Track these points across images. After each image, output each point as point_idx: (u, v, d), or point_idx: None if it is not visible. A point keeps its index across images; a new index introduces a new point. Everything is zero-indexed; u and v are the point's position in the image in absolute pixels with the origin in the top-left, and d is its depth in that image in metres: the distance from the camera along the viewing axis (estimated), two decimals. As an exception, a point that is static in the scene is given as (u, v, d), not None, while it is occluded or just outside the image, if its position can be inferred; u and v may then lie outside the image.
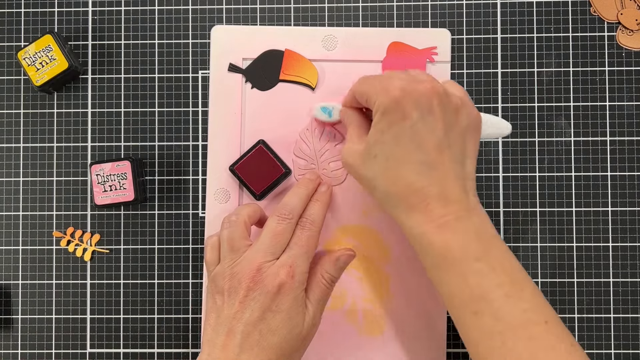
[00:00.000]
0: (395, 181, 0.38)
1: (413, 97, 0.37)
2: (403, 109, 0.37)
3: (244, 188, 0.48)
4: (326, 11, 0.50)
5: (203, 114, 0.50)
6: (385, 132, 0.38)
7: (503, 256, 0.37)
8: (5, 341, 0.49)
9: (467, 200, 0.38)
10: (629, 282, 0.48)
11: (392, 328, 0.48)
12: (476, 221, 0.38)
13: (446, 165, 0.38)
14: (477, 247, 0.37)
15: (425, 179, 0.37)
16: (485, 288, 0.36)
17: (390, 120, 0.38)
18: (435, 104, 0.38)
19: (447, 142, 0.38)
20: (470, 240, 0.37)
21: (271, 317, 0.39)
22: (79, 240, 0.49)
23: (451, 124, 0.38)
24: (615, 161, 0.49)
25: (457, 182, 0.38)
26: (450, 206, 0.37)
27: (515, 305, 0.35)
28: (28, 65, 0.47)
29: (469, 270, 0.36)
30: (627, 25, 0.49)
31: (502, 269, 0.36)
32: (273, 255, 0.41)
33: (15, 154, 0.50)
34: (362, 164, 0.40)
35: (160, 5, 0.50)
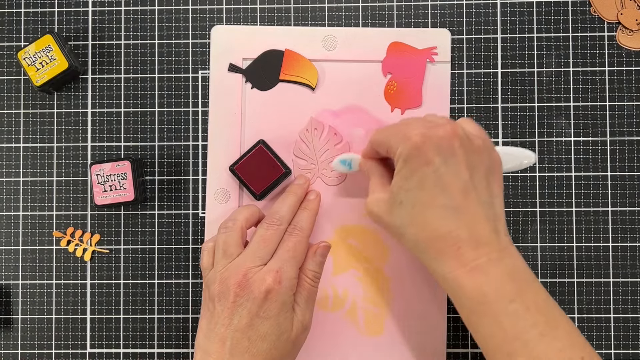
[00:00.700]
0: (423, 227, 0.38)
1: (434, 141, 0.37)
2: (425, 155, 0.37)
3: (244, 188, 0.48)
4: (326, 11, 0.50)
5: (203, 114, 0.50)
6: (409, 179, 0.38)
7: (537, 295, 0.37)
8: (5, 341, 0.49)
9: (498, 241, 0.37)
10: (629, 282, 0.48)
11: (392, 328, 0.48)
12: (509, 262, 0.37)
13: (473, 208, 0.37)
14: (510, 289, 0.36)
15: (453, 222, 0.37)
16: (520, 329, 0.35)
17: (413, 166, 0.38)
18: (457, 147, 0.37)
19: (472, 185, 0.37)
20: (503, 282, 0.36)
21: (259, 323, 0.39)
22: (79, 240, 0.49)
23: (474, 166, 0.38)
24: (615, 161, 0.49)
25: (487, 224, 0.37)
26: (481, 249, 0.37)
27: (550, 344, 0.35)
28: (28, 65, 0.47)
29: (503, 312, 0.36)
30: (627, 25, 0.49)
31: (536, 308, 0.36)
32: (261, 260, 0.41)
33: (15, 154, 0.50)
34: (389, 213, 0.40)
35: (160, 5, 0.50)
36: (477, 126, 0.40)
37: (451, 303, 0.48)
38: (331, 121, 0.49)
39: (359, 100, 0.49)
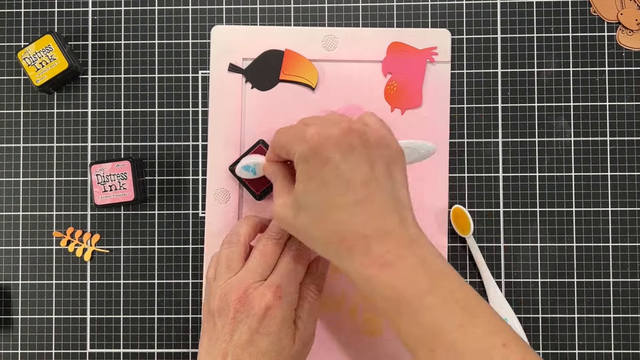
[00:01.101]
0: (330, 227, 0.37)
1: (331, 140, 0.36)
2: (324, 154, 0.36)
3: (244, 188, 0.48)
4: (326, 11, 0.50)
5: (203, 114, 0.50)
6: (311, 181, 0.37)
7: (452, 283, 0.36)
8: (5, 341, 0.49)
9: (406, 233, 0.36)
10: (629, 282, 0.48)
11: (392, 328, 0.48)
12: (419, 254, 0.36)
13: (378, 200, 0.36)
14: (424, 281, 0.35)
15: (359, 218, 0.36)
16: (438, 322, 0.34)
17: (313, 167, 0.37)
18: (355, 142, 0.37)
19: (374, 177, 0.37)
20: (416, 275, 0.35)
21: (260, 339, 0.39)
22: (79, 240, 0.49)
23: (374, 159, 0.37)
24: (615, 161, 0.49)
25: (393, 215, 0.36)
26: (390, 243, 0.36)
27: (469, 333, 0.34)
28: (28, 65, 0.47)
29: (419, 307, 0.35)
30: (627, 25, 0.49)
31: (452, 298, 0.35)
32: (261, 276, 0.41)
33: (15, 154, 0.50)
34: (295, 217, 0.39)
35: (160, 5, 0.50)
36: (378, 120, 0.39)
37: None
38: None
39: (359, 101, 0.49)
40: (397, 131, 0.48)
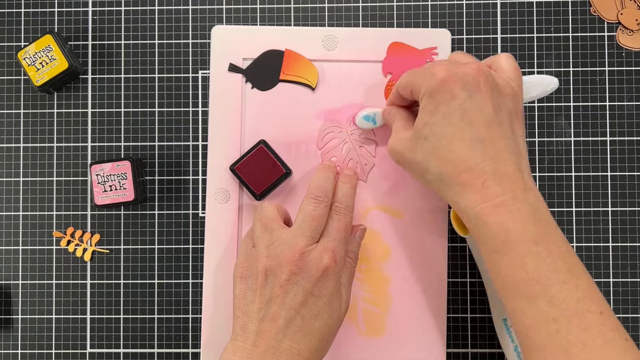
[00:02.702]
0: (448, 160, 0.38)
1: (459, 77, 0.38)
2: (450, 89, 0.37)
3: (244, 188, 0.48)
4: (326, 11, 0.50)
5: (203, 114, 0.50)
6: (434, 113, 0.38)
7: (560, 241, 0.36)
8: (5, 341, 0.49)
9: (522, 179, 0.37)
10: (629, 282, 0.48)
11: (392, 328, 0.48)
12: (532, 201, 0.37)
13: (498, 142, 0.37)
14: (534, 230, 0.36)
15: (479, 155, 0.37)
16: (542, 272, 0.35)
17: (438, 100, 0.38)
18: (482, 84, 0.38)
19: (497, 120, 0.38)
20: (527, 221, 0.36)
21: (313, 301, 0.39)
22: (79, 240, 0.49)
23: (498, 104, 0.38)
24: (615, 161, 0.49)
25: (511, 159, 0.37)
26: (506, 185, 0.36)
27: (571, 293, 0.35)
28: (28, 65, 0.47)
29: (526, 253, 0.35)
30: (627, 25, 0.49)
31: (559, 254, 0.36)
32: (313, 239, 0.41)
33: (15, 154, 0.50)
34: (412, 149, 0.40)
35: (160, 5, 0.50)
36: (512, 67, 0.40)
37: (451, 303, 0.48)
38: (331, 120, 0.49)
39: (359, 101, 0.49)
40: (397, 131, 0.49)
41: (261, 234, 0.41)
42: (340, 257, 0.41)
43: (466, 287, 0.49)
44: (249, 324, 0.39)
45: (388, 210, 0.48)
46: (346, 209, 0.43)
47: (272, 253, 0.40)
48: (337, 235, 0.41)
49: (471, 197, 0.37)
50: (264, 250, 0.40)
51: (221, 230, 0.48)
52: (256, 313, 0.39)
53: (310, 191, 0.43)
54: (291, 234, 0.41)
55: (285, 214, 0.45)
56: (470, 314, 0.49)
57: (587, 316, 0.34)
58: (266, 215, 0.42)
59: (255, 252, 0.41)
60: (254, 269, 0.40)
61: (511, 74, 0.40)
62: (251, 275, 0.40)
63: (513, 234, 0.36)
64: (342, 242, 0.42)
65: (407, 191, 0.48)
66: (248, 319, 0.39)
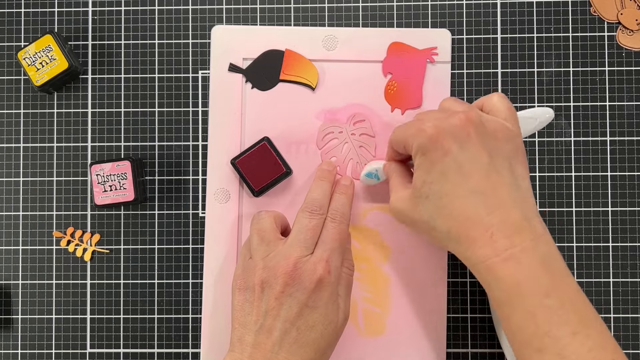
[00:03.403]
0: (453, 217, 0.37)
1: (448, 131, 0.37)
2: (442, 145, 0.37)
3: (243, 185, 0.48)
4: (326, 11, 0.50)
5: (203, 114, 0.50)
6: (430, 171, 0.38)
7: (572, 291, 0.36)
8: (5, 341, 0.49)
9: (530, 228, 0.36)
10: (629, 282, 0.48)
11: (392, 328, 0.48)
12: (543, 251, 0.36)
13: (500, 191, 0.37)
14: (545, 281, 0.35)
15: (482, 208, 0.36)
16: (552, 325, 0.34)
17: (432, 158, 0.37)
18: (472, 133, 0.37)
19: (494, 168, 0.37)
20: (538, 273, 0.35)
21: (308, 313, 0.39)
22: (79, 240, 0.49)
23: (493, 150, 0.37)
24: (615, 161, 0.49)
25: (515, 207, 0.36)
26: (514, 236, 0.36)
27: (581, 343, 0.34)
28: (28, 65, 0.47)
29: (537, 306, 0.35)
30: (627, 25, 0.49)
31: (570, 304, 0.35)
32: (307, 250, 0.41)
33: (15, 154, 0.50)
34: (414, 209, 0.39)
35: (160, 5, 0.50)
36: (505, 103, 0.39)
37: (451, 303, 0.48)
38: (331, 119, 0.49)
39: (359, 101, 0.49)
40: (397, 131, 0.49)
41: (258, 246, 0.42)
42: (335, 267, 0.40)
43: (466, 287, 0.49)
44: (245, 336, 0.39)
45: (388, 210, 0.48)
46: (342, 217, 0.43)
47: (267, 265, 0.40)
48: (332, 244, 0.41)
49: (480, 252, 0.36)
50: (260, 262, 0.40)
51: (221, 230, 0.48)
52: (253, 325, 0.39)
53: (306, 203, 0.43)
54: (286, 245, 0.41)
55: (283, 222, 0.45)
56: (470, 314, 0.49)
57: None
58: (263, 226, 0.42)
59: (252, 264, 0.41)
60: (251, 281, 0.40)
61: (504, 113, 0.39)
62: (248, 287, 0.41)
63: (524, 287, 0.35)
64: (337, 251, 0.41)
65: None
66: (245, 330, 0.40)
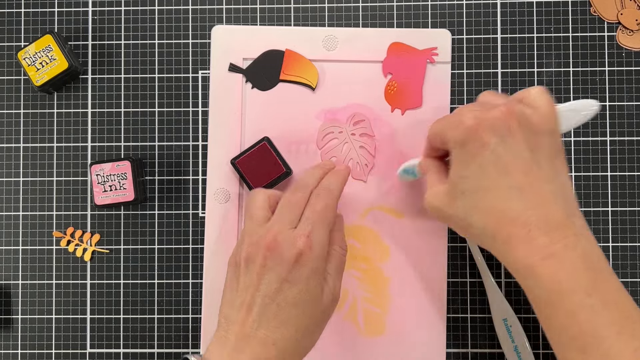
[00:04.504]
0: (490, 213, 0.36)
1: (488, 123, 0.36)
2: (480, 137, 0.36)
3: (243, 185, 0.48)
4: (326, 11, 0.50)
5: (203, 114, 0.50)
6: (468, 165, 0.36)
7: (615, 289, 0.35)
8: (5, 341, 0.49)
9: (572, 224, 0.35)
10: (629, 282, 0.48)
11: (392, 328, 0.48)
12: (585, 248, 0.35)
13: (539, 187, 0.35)
14: (587, 279, 0.34)
15: (520, 204, 0.35)
16: (596, 325, 0.33)
17: (470, 151, 0.36)
18: (514, 126, 0.36)
19: (536, 163, 0.35)
20: (579, 272, 0.34)
21: (288, 287, 0.37)
22: (79, 240, 0.49)
23: (535, 145, 0.36)
24: (615, 161, 0.49)
25: (557, 204, 0.35)
26: (555, 233, 0.34)
27: (627, 343, 0.33)
28: (28, 65, 0.47)
29: (579, 305, 0.34)
30: (627, 25, 0.49)
31: (614, 304, 0.34)
32: (290, 224, 0.39)
33: (15, 154, 0.50)
34: (450, 205, 0.38)
35: (160, 5, 0.50)
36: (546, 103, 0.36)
37: (451, 303, 0.48)
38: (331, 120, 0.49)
39: (359, 101, 0.49)
40: (397, 132, 0.49)
41: (247, 224, 0.41)
42: (318, 243, 0.38)
43: (466, 287, 0.49)
44: (230, 313, 0.39)
45: (388, 210, 0.48)
46: (327, 192, 0.41)
47: (252, 241, 0.39)
48: (314, 217, 0.39)
49: (519, 250, 0.35)
50: (247, 238, 0.40)
51: (221, 231, 0.48)
52: (237, 301, 0.38)
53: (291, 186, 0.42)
54: (270, 221, 0.40)
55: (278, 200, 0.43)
56: (470, 314, 0.49)
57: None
58: (253, 204, 0.41)
59: (241, 241, 0.41)
60: (238, 257, 0.40)
61: (545, 109, 0.36)
62: (236, 264, 0.40)
63: (565, 286, 0.34)
64: (319, 225, 0.39)
65: (407, 191, 0.48)
66: (230, 307, 0.39)
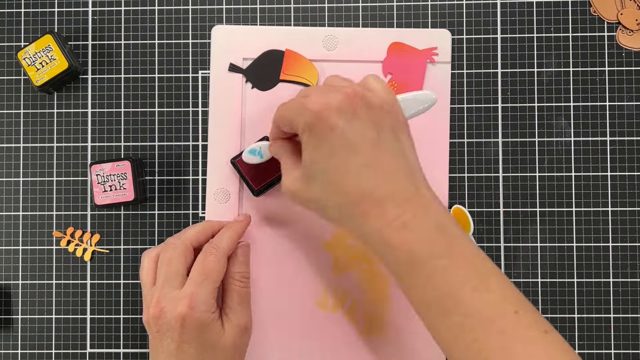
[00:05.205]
0: (344, 192, 0.36)
1: (333, 106, 0.36)
2: (327, 121, 0.36)
3: (244, 185, 0.48)
4: (326, 11, 0.50)
5: (203, 114, 0.50)
6: (317, 149, 0.37)
7: (468, 250, 0.35)
8: (5, 341, 0.49)
9: (419, 195, 0.36)
10: (629, 282, 0.48)
11: (392, 328, 0.48)
12: (435, 217, 0.36)
13: (387, 163, 0.36)
14: (440, 244, 0.35)
15: (371, 181, 0.36)
16: (452, 285, 0.34)
17: (318, 135, 0.37)
18: (358, 107, 0.36)
19: (381, 140, 0.36)
20: (431, 237, 0.35)
21: (187, 347, 0.40)
22: (79, 240, 0.49)
23: (379, 122, 0.37)
24: (615, 161, 0.49)
25: (405, 178, 0.36)
26: (405, 204, 0.35)
27: (482, 298, 0.34)
28: (28, 65, 0.47)
29: (433, 269, 0.34)
30: (627, 25, 0.49)
31: (466, 263, 0.35)
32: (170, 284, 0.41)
33: (15, 154, 0.50)
34: (306, 188, 0.39)
35: (160, 5, 0.50)
36: (381, 84, 0.39)
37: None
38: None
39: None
40: (397, 131, 0.48)
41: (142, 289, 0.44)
42: (201, 301, 0.40)
43: (466, 287, 0.49)
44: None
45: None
46: (214, 248, 0.43)
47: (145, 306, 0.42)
48: (198, 278, 0.41)
49: (373, 224, 0.36)
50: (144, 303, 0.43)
51: (221, 230, 0.48)
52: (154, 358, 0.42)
53: None
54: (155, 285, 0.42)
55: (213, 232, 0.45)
56: (470, 314, 0.49)
57: (502, 320, 0.33)
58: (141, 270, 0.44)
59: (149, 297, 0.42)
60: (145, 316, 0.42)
61: (382, 92, 0.38)
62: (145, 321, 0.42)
63: (418, 253, 0.35)
64: (204, 282, 0.41)
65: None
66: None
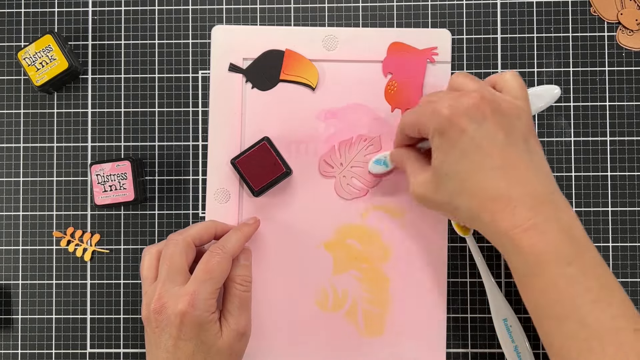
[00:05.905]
0: (474, 194, 0.37)
1: (463, 110, 0.37)
2: (458, 125, 0.37)
3: (244, 185, 0.48)
4: (326, 11, 0.50)
5: (203, 114, 0.50)
6: (449, 152, 0.38)
7: (594, 260, 0.36)
8: (5, 341, 0.49)
9: (552, 199, 0.37)
10: (629, 282, 0.48)
11: (392, 328, 0.48)
12: (565, 220, 0.36)
13: (519, 165, 0.37)
14: (568, 250, 0.35)
15: (503, 182, 0.37)
16: (574, 292, 0.35)
17: (450, 138, 0.38)
18: (487, 111, 0.37)
19: (511, 144, 0.37)
20: (561, 241, 0.35)
21: (183, 344, 0.40)
22: (79, 240, 0.49)
23: (509, 127, 0.38)
24: (615, 161, 0.49)
25: (536, 180, 0.37)
26: (537, 207, 0.36)
27: (602, 311, 0.34)
28: (28, 65, 0.47)
29: (558, 274, 0.35)
30: (627, 25, 0.49)
31: (592, 272, 0.35)
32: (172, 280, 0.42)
33: (15, 154, 0.50)
34: (436, 191, 0.40)
35: (160, 5, 0.50)
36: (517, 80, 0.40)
37: (451, 303, 0.48)
38: (331, 120, 0.49)
39: (359, 101, 0.49)
40: (397, 131, 0.49)
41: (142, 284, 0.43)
42: (202, 299, 0.40)
43: (466, 287, 0.49)
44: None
45: (388, 210, 0.48)
46: (220, 249, 0.43)
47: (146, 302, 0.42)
48: (202, 277, 0.41)
49: (503, 224, 0.36)
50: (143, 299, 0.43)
51: (221, 230, 0.48)
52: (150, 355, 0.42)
53: None
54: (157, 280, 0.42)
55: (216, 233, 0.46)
56: (470, 314, 0.49)
57: (621, 334, 0.34)
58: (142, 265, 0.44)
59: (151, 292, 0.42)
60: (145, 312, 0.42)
61: (517, 92, 0.39)
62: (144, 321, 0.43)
63: (545, 257, 0.35)
64: (207, 282, 0.41)
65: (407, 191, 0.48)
66: None
